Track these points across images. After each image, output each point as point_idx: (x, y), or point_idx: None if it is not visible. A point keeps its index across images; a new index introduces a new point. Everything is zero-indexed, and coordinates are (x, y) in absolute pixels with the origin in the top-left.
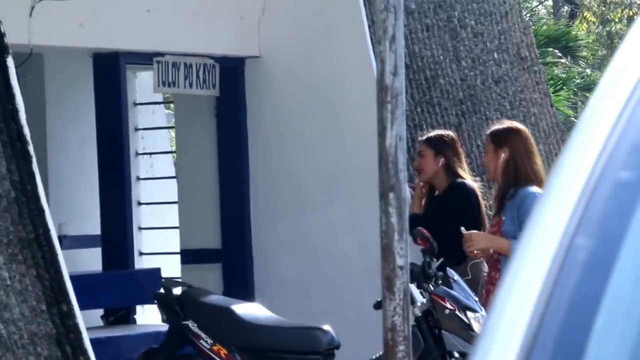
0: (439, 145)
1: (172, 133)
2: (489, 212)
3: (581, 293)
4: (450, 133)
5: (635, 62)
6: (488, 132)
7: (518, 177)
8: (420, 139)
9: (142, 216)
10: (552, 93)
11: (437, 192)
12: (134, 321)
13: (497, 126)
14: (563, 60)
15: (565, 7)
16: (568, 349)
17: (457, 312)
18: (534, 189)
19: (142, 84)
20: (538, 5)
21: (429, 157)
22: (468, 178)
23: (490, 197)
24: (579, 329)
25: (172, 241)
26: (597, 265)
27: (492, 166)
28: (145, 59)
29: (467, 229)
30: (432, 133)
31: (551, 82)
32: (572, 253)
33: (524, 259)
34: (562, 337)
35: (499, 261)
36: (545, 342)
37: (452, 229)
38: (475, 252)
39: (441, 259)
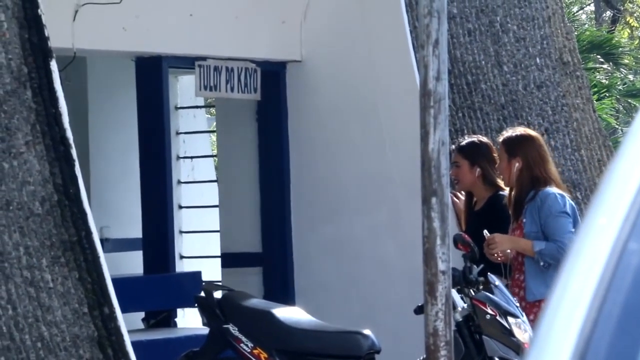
0: (474, 155)
1: (213, 137)
2: None
3: (635, 298)
4: (483, 138)
5: None
6: (501, 139)
7: (537, 181)
8: (453, 147)
9: (183, 220)
10: (596, 101)
11: (475, 200)
12: (175, 324)
13: (509, 133)
14: (605, 66)
15: (608, 12)
16: (621, 354)
17: (498, 317)
18: (554, 189)
19: (183, 88)
20: (579, 10)
21: (464, 168)
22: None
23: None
24: (632, 335)
25: (213, 245)
26: None
27: (506, 174)
28: (187, 63)
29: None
30: (465, 141)
31: (595, 89)
32: (625, 258)
33: (577, 264)
34: (616, 343)
35: (523, 263)
36: (599, 348)
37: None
38: (495, 255)
39: (482, 265)
